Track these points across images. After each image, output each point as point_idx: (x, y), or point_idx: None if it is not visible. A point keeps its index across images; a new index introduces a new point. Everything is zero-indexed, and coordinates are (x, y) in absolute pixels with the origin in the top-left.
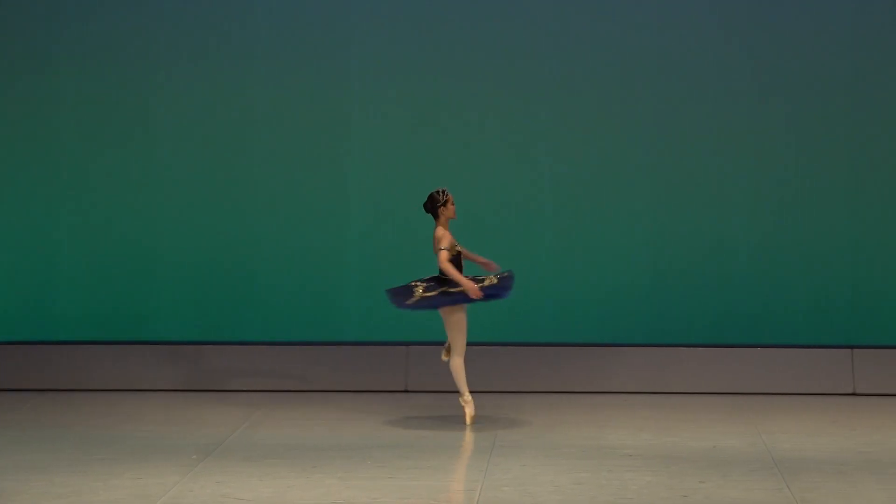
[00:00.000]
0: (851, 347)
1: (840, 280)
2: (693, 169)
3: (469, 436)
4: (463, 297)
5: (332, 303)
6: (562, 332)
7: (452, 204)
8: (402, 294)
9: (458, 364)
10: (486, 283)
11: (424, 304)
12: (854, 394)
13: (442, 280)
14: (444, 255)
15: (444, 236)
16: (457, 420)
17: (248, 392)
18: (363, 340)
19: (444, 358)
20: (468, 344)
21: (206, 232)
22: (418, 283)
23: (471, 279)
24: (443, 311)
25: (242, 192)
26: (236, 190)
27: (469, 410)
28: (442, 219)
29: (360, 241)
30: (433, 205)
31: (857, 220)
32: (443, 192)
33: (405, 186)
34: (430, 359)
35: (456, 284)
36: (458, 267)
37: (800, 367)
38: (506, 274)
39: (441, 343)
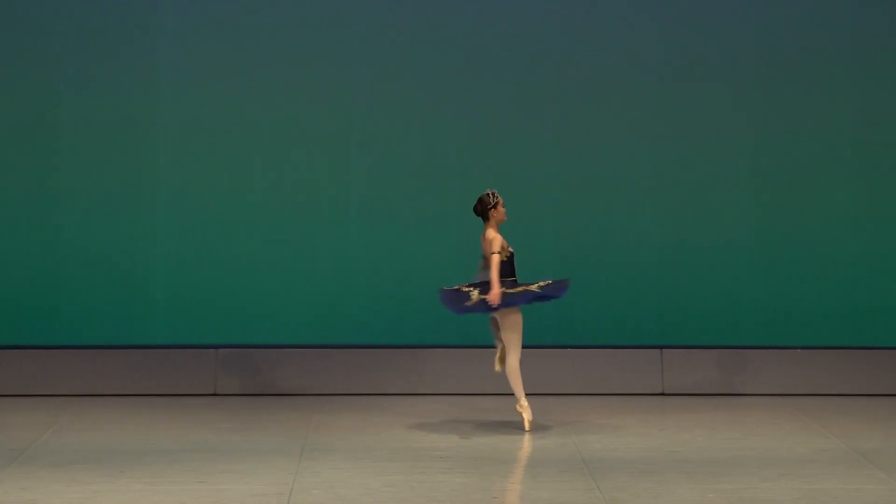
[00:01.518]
0: (661, 348)
1: (652, 283)
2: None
3: (279, 439)
4: (519, 299)
5: (140, 306)
6: (372, 334)
7: (503, 206)
8: (457, 299)
9: (514, 367)
10: (539, 284)
11: (482, 307)
12: (663, 394)
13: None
14: (497, 259)
15: (496, 239)
16: (266, 423)
17: (55, 396)
18: (172, 343)
19: (497, 368)
20: (524, 346)
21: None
22: (472, 288)
23: (521, 283)
24: (498, 314)
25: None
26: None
27: (527, 416)
28: (493, 221)
29: (168, 242)
30: (483, 207)
31: (666, 224)
32: (493, 194)
33: (212, 186)
34: (239, 362)
35: (511, 287)
36: (512, 268)
37: (611, 368)
38: (560, 280)
39: (248, 346)
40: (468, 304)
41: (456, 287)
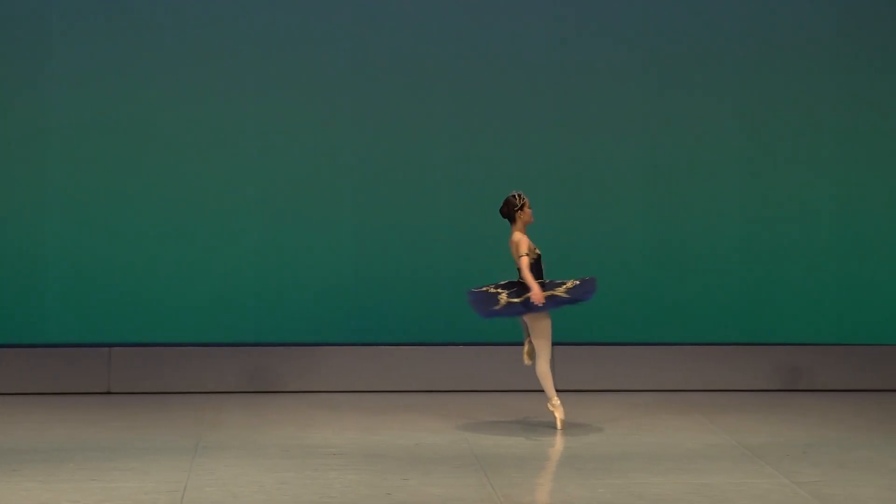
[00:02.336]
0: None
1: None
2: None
3: (172, 437)
4: (548, 304)
5: (33, 305)
6: (265, 332)
7: (529, 207)
8: (485, 301)
9: (545, 369)
10: (567, 286)
11: (510, 310)
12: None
13: (524, 285)
14: (525, 262)
15: (523, 240)
16: (159, 421)
17: None
18: (65, 342)
19: (527, 362)
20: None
21: None
22: (500, 290)
23: (549, 283)
24: (529, 318)
25: None
26: None
27: (559, 415)
28: (519, 223)
29: (60, 242)
30: (510, 209)
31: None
32: (519, 195)
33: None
34: (132, 360)
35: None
36: (539, 270)
37: (500, 364)
38: (588, 279)
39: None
40: (496, 308)
41: (484, 288)
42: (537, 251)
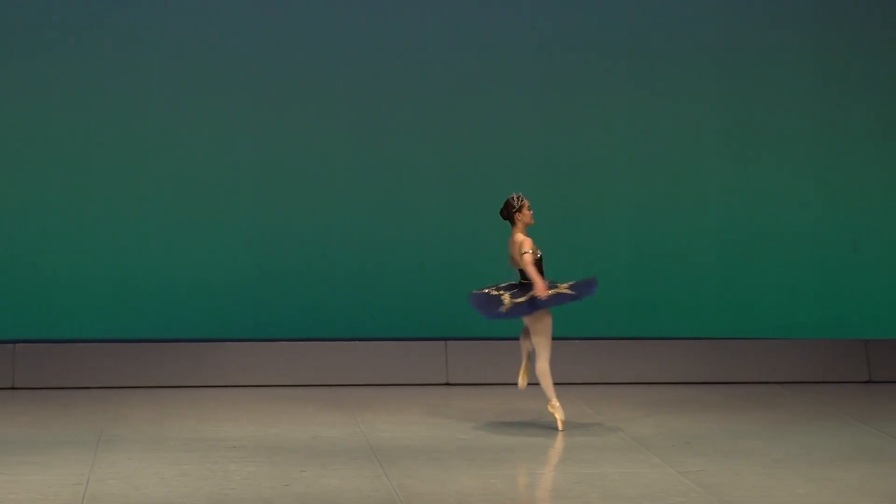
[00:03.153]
0: (445, 339)
1: (434, 276)
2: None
3: (76, 431)
4: (552, 301)
5: None
6: (167, 328)
7: (529, 209)
8: (488, 303)
9: (544, 369)
10: (569, 285)
11: (516, 311)
12: (447, 384)
13: (526, 286)
14: (529, 258)
15: (526, 241)
16: (63, 416)
17: None
18: None
19: (520, 385)
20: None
21: None
22: (502, 291)
23: (551, 282)
24: (529, 319)
25: None
26: None
27: (559, 416)
28: (519, 225)
29: None
30: (509, 211)
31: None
32: (518, 197)
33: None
34: (36, 356)
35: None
36: (541, 272)
37: (397, 359)
38: (590, 279)
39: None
40: (501, 310)
41: (486, 290)
42: (539, 252)
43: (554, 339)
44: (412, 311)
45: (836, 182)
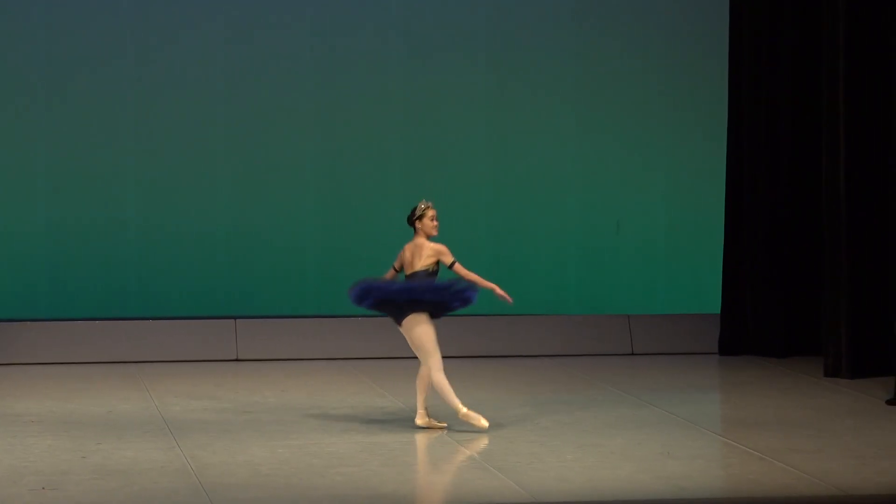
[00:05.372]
0: (235, 318)
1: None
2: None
3: None
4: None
5: None
6: None
7: (433, 220)
8: (373, 290)
9: (438, 380)
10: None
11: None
12: (237, 360)
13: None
14: (460, 267)
15: (442, 248)
16: None
17: None
18: None
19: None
20: None
21: None
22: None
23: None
24: (403, 329)
25: None
26: None
27: (477, 422)
28: (421, 232)
29: None
30: (410, 217)
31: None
32: (423, 205)
33: None
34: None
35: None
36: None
37: (187, 336)
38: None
39: None
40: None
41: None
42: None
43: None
44: (198, 290)
45: (603, 163)
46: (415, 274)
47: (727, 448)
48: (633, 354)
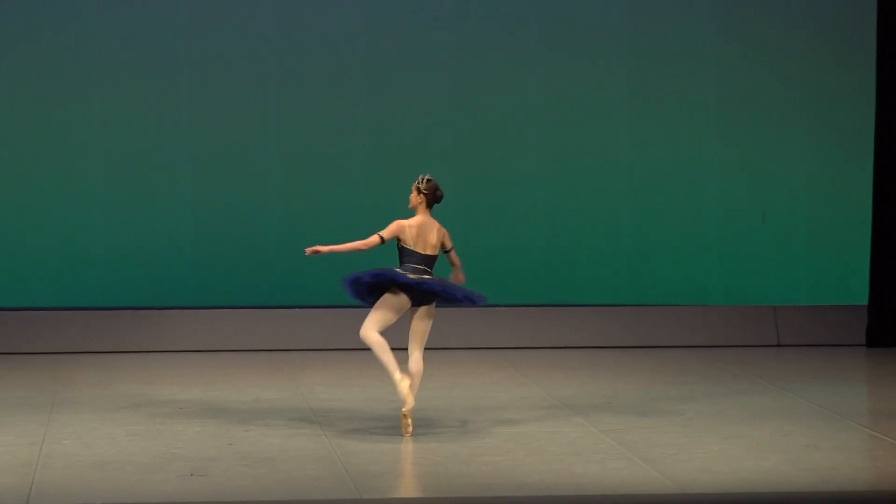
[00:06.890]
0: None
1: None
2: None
3: (28, 395)
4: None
5: None
6: (115, 297)
7: (413, 192)
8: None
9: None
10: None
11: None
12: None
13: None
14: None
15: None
16: (15, 380)
17: None
18: None
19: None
20: None
21: None
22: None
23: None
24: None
25: None
26: None
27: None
28: (426, 210)
29: None
30: (438, 195)
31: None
32: (428, 176)
33: None
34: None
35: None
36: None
37: (328, 325)
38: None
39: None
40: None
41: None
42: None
43: (491, 305)
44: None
45: (746, 153)
46: (433, 258)
47: (873, 440)
48: (779, 346)
